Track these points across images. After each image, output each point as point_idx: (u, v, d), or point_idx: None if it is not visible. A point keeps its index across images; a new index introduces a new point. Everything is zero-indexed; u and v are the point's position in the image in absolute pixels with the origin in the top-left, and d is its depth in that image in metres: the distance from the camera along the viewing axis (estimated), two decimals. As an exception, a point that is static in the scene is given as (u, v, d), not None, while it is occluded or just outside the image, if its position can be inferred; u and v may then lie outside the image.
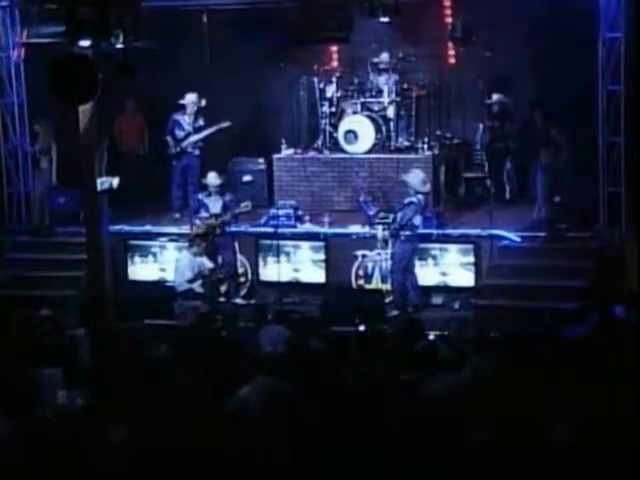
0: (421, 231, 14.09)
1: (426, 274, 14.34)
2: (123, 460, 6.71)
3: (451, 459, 6.36)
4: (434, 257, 14.38)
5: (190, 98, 15.81)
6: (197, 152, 15.91)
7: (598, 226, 14.17)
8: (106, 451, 6.81)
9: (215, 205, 14.69)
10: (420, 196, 13.97)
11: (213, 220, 14.43)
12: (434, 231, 14.46)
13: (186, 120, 15.88)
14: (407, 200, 14.00)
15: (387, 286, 14.47)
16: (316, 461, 6.41)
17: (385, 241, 14.23)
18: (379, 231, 14.26)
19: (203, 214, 14.62)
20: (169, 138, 15.91)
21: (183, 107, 15.90)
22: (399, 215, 14.00)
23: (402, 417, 7.00)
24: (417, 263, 14.28)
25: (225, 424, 7.38)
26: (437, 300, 14.43)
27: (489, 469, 6.21)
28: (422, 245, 14.23)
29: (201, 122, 15.87)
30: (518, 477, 6.18)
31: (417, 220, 13.94)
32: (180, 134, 15.87)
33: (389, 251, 14.18)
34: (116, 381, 8.45)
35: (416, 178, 14.10)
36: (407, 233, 13.86)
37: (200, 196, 14.88)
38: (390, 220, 14.18)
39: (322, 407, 7.26)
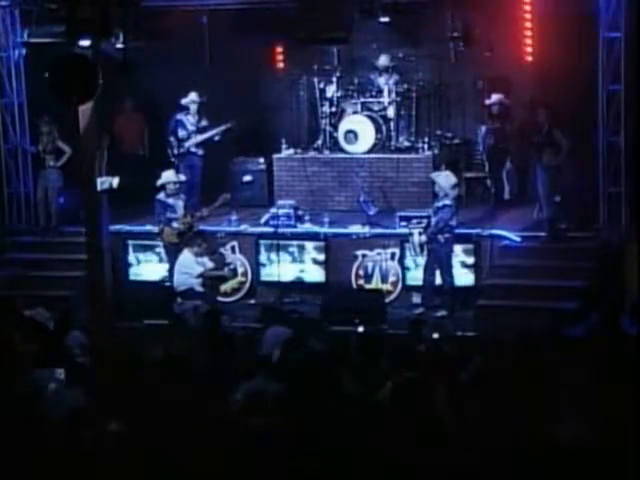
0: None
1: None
2: (121, 459, 6.71)
3: (450, 460, 6.36)
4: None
5: (192, 97, 15.70)
6: (201, 152, 15.82)
7: (598, 226, 14.17)
8: (105, 450, 6.81)
9: (179, 205, 14.41)
10: (452, 198, 13.80)
11: (189, 218, 14.28)
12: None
13: (190, 120, 15.73)
14: (441, 203, 13.81)
15: (387, 286, 14.48)
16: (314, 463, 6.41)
17: (421, 246, 13.84)
18: (415, 236, 13.90)
19: (171, 215, 14.33)
20: (172, 138, 15.74)
21: (184, 107, 15.81)
22: (435, 219, 13.76)
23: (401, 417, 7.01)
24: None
25: (224, 424, 7.38)
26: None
27: (490, 470, 6.21)
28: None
29: (205, 122, 15.75)
30: (519, 477, 6.19)
31: (453, 221, 13.77)
32: (183, 134, 15.72)
33: (424, 255, 13.87)
34: (115, 381, 8.46)
35: (447, 181, 13.91)
36: (446, 236, 13.71)
37: (160, 197, 14.43)
38: (424, 224, 13.99)
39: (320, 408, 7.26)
